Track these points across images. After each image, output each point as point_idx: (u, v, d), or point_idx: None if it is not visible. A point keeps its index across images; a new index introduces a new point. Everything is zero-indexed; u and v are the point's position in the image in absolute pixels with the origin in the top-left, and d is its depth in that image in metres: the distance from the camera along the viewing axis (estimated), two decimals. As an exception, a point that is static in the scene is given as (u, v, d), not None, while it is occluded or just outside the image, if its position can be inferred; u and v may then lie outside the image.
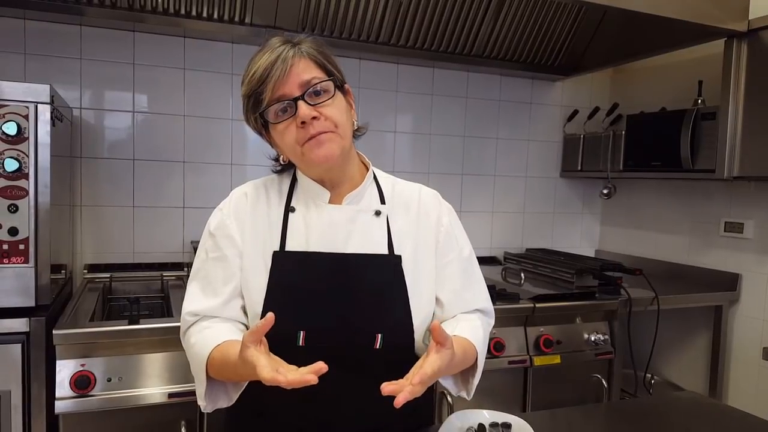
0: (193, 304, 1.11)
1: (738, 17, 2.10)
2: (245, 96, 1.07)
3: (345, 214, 1.11)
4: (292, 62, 1.02)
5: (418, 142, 2.80)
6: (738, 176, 2.20)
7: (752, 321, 2.44)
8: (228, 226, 1.12)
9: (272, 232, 1.10)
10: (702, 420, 1.32)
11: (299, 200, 1.13)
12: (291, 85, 1.02)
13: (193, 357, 1.07)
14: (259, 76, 1.02)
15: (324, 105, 1.03)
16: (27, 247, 1.58)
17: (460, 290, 1.17)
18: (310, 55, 1.06)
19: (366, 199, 1.15)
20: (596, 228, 3.24)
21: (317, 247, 1.08)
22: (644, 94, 2.89)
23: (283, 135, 1.05)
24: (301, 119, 1.01)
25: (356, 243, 1.09)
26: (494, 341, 2.03)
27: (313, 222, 1.10)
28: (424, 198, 1.20)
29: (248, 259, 1.10)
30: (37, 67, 2.13)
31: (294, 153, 1.07)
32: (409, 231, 1.15)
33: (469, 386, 1.12)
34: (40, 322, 1.58)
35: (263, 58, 1.03)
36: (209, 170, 2.42)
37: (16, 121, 1.55)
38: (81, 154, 2.23)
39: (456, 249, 1.19)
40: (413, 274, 1.11)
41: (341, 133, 1.05)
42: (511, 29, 2.55)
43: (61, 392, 1.56)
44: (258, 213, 1.13)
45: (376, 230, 1.12)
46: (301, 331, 1.02)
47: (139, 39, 2.27)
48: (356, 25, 2.32)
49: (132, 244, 2.33)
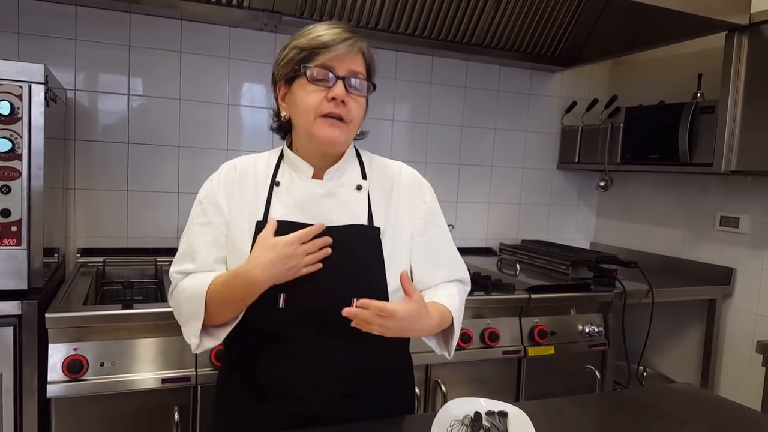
0: (179, 264, 1.21)
1: (740, 10, 2.09)
2: (299, 47, 1.14)
3: (326, 188, 1.19)
4: (355, 50, 1.14)
5: (416, 131, 2.79)
6: (735, 170, 2.20)
7: (746, 315, 2.45)
8: (216, 195, 1.21)
9: (257, 203, 1.19)
10: (696, 411, 1.33)
11: (284, 175, 1.22)
12: (344, 65, 1.13)
13: (188, 298, 1.14)
14: (324, 42, 1.12)
15: (354, 98, 1.14)
16: (19, 229, 1.56)
17: (443, 262, 1.29)
18: (366, 55, 1.19)
19: (348, 174, 1.23)
20: (592, 220, 3.24)
21: (298, 218, 1.16)
22: (643, 87, 2.88)
23: (308, 95, 1.13)
24: (333, 95, 1.11)
25: (337, 215, 1.17)
26: (489, 331, 2.03)
27: (296, 194, 1.18)
28: (405, 176, 1.29)
29: (235, 227, 1.18)
30: (30, 47, 2.10)
31: (306, 116, 1.14)
32: (388, 205, 1.23)
33: (449, 347, 1.25)
34: (33, 306, 1.57)
35: (333, 31, 1.13)
36: (204, 155, 2.39)
37: (10, 100, 1.52)
38: (75, 137, 2.20)
39: (438, 225, 1.29)
40: (390, 246, 1.19)
41: (351, 129, 1.17)
42: (511, 19, 2.53)
43: (53, 376, 1.55)
44: (246, 185, 1.21)
45: (357, 204, 1.20)
46: (281, 294, 1.10)
47: (135, 21, 2.24)
48: (355, 11, 2.29)
49: (126, 229, 2.31)
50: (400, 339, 1.27)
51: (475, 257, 2.78)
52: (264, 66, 2.45)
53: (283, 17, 2.22)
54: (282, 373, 1.15)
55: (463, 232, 2.89)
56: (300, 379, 1.14)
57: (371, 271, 1.16)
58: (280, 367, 1.15)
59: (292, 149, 1.24)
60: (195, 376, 1.67)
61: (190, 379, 1.67)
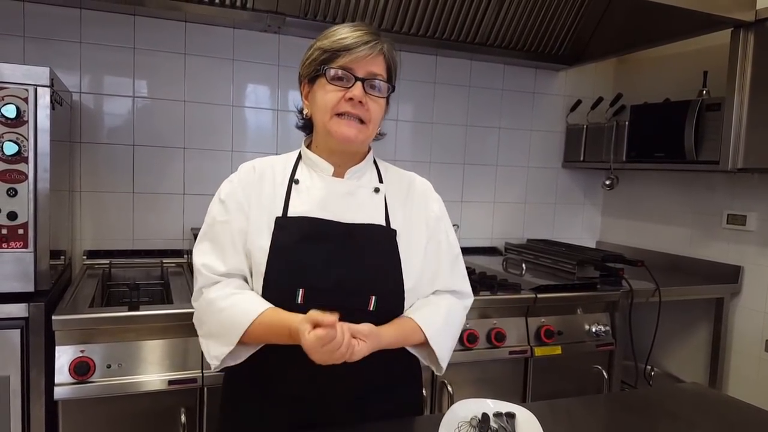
0: (206, 256, 1.20)
1: (745, 7, 2.08)
2: (321, 49, 1.17)
3: (346, 187, 1.22)
4: (375, 53, 1.16)
5: (420, 130, 2.78)
6: (742, 168, 2.19)
7: (754, 313, 2.43)
8: (237, 194, 1.21)
9: (276, 201, 1.21)
10: (704, 410, 1.32)
11: (303, 173, 1.24)
12: (363, 67, 1.15)
13: (222, 322, 1.13)
14: (346, 44, 1.14)
15: (372, 99, 1.17)
16: (26, 232, 1.57)
17: (441, 272, 1.28)
18: (388, 57, 1.20)
19: (367, 177, 1.27)
20: (598, 219, 3.23)
21: (318, 215, 1.18)
22: (648, 85, 2.87)
23: (326, 94, 1.16)
24: (350, 95, 1.14)
25: (355, 214, 1.20)
26: (495, 331, 2.02)
27: (317, 192, 1.21)
28: (418, 185, 1.33)
29: (254, 224, 1.18)
30: (36, 50, 2.10)
31: (323, 114, 1.17)
32: (403, 211, 1.26)
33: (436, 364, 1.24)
34: (40, 308, 1.57)
35: (356, 34, 1.16)
36: (210, 156, 2.40)
37: (16, 104, 1.53)
38: (80, 139, 2.21)
39: (442, 234, 1.30)
40: (406, 248, 1.22)
41: (370, 129, 1.19)
42: (515, 17, 2.52)
43: (61, 378, 1.55)
44: (264, 183, 1.23)
45: (375, 205, 1.23)
46: (300, 289, 1.12)
47: (140, 23, 2.24)
48: (359, 11, 2.29)
49: (132, 231, 2.31)
50: None
51: (481, 257, 2.78)
52: (268, 67, 2.45)
53: (286, 18, 2.22)
54: (294, 371, 1.14)
55: (468, 232, 2.88)
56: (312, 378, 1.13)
57: (388, 269, 1.18)
58: (292, 366, 1.14)
59: (311, 149, 1.26)
60: (201, 378, 1.67)
61: (196, 381, 1.67)
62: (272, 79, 2.47)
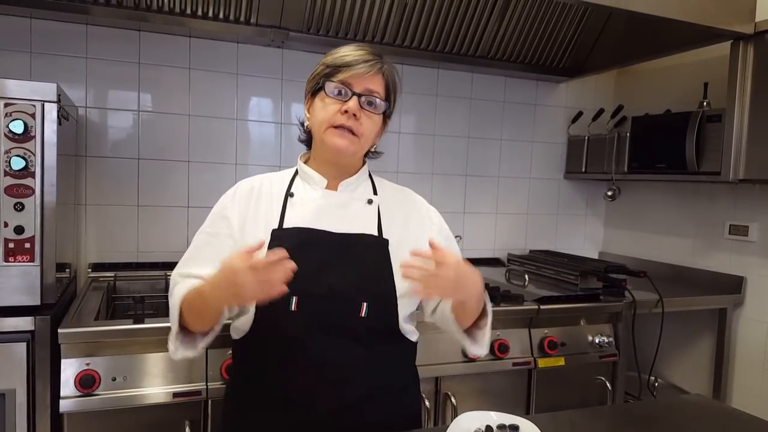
0: (181, 267, 1.25)
1: (744, 19, 2.09)
2: (325, 64, 1.24)
3: (339, 199, 1.27)
4: (374, 71, 1.22)
5: (422, 142, 2.80)
6: (743, 179, 2.19)
7: (757, 324, 2.43)
8: (227, 209, 1.26)
9: (273, 214, 1.25)
10: (708, 423, 1.32)
11: (298, 187, 1.29)
12: (361, 83, 1.21)
13: (172, 303, 1.18)
14: (346, 61, 1.21)
15: (367, 114, 1.22)
16: (33, 246, 1.58)
17: None
18: (387, 76, 1.26)
19: (360, 190, 1.31)
20: (600, 230, 3.24)
21: (311, 225, 1.22)
22: (649, 96, 2.88)
23: (324, 107, 1.21)
24: (346, 108, 1.19)
25: (348, 224, 1.24)
26: (498, 342, 2.02)
27: (310, 204, 1.25)
28: (415, 199, 1.39)
29: (250, 238, 1.20)
30: (42, 66, 2.13)
31: (320, 125, 1.22)
32: (398, 222, 1.30)
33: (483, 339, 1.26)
34: (45, 321, 1.58)
35: (358, 52, 1.22)
36: (213, 170, 2.42)
37: (23, 119, 1.55)
38: (86, 153, 2.23)
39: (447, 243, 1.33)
40: (401, 257, 1.19)
41: (361, 142, 1.23)
42: (516, 30, 2.55)
43: (66, 391, 1.56)
44: (261, 199, 1.27)
45: (367, 216, 1.27)
46: (293, 297, 1.14)
47: (145, 38, 2.27)
48: (361, 26, 2.32)
49: (136, 243, 2.33)
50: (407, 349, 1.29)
51: (483, 268, 2.78)
52: (272, 81, 2.47)
53: (290, 33, 2.24)
54: (291, 378, 1.17)
55: (470, 243, 2.89)
56: (309, 384, 1.16)
57: (380, 276, 1.22)
58: (288, 372, 1.17)
59: (308, 163, 1.31)
60: (206, 390, 1.67)
61: (200, 393, 1.67)
62: (275, 93, 2.49)
